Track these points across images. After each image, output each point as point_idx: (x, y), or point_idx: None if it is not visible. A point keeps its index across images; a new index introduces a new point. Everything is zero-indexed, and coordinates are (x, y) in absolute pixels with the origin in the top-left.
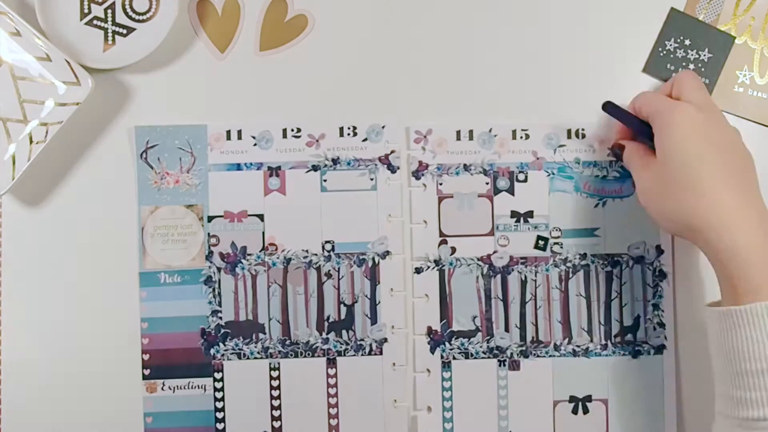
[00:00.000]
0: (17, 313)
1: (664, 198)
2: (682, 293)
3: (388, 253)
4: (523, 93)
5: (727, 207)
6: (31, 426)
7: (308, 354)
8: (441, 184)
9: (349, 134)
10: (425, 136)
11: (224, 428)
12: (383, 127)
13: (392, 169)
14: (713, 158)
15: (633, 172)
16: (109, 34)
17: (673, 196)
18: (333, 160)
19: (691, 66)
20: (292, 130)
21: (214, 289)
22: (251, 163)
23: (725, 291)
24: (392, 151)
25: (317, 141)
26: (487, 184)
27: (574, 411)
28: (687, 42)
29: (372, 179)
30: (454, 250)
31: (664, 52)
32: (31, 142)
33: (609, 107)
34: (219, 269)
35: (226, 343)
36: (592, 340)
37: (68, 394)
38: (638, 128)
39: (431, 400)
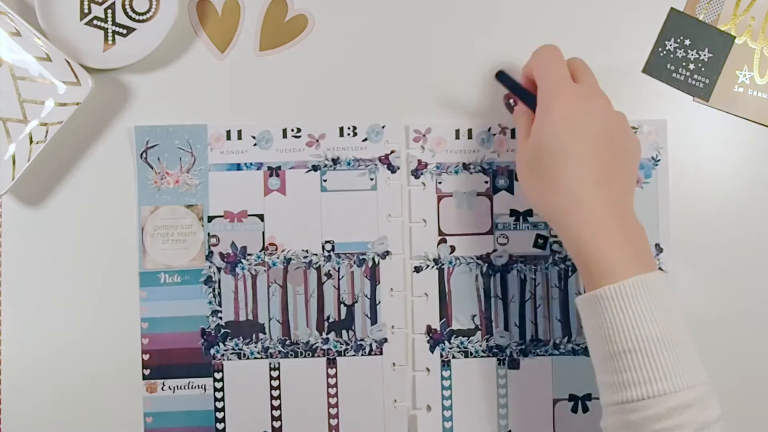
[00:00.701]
0: (17, 313)
1: (531, 176)
2: (682, 292)
3: (388, 253)
4: None
5: (583, 196)
6: (32, 425)
7: (308, 354)
8: (440, 183)
9: (349, 134)
10: (424, 135)
11: (224, 428)
12: (383, 127)
13: (392, 169)
14: (582, 149)
15: (518, 138)
16: (109, 34)
17: (537, 177)
18: (333, 160)
19: (692, 66)
20: (292, 130)
21: (214, 289)
22: (251, 163)
23: (584, 279)
24: (392, 151)
25: (317, 141)
26: (486, 182)
27: (574, 409)
28: (687, 42)
29: (372, 179)
30: (453, 248)
31: (664, 52)
32: (31, 142)
33: (501, 76)
34: (219, 269)
35: (226, 343)
36: None
37: (68, 393)
38: (528, 101)
39: (431, 399)
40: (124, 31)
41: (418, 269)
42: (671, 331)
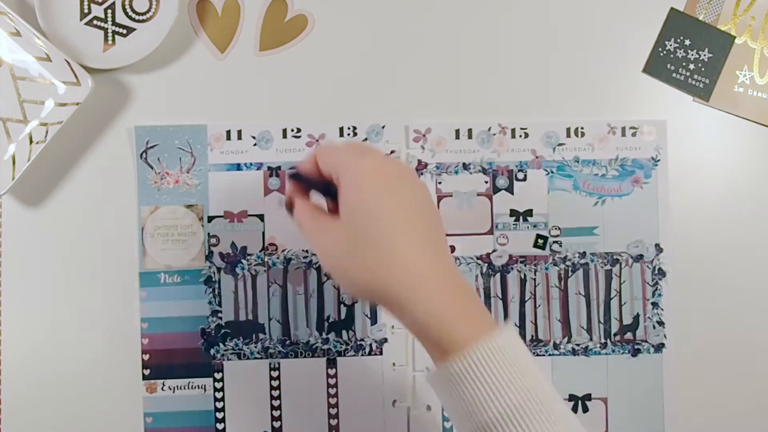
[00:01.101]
0: (17, 313)
1: (351, 262)
2: (682, 291)
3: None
4: (522, 92)
5: (419, 267)
6: (32, 425)
7: (308, 354)
8: (440, 183)
9: (349, 134)
10: (424, 135)
11: (224, 428)
12: (383, 127)
13: None
14: (403, 216)
15: (309, 237)
16: (109, 34)
17: (361, 259)
18: None
19: (692, 66)
20: (292, 130)
21: (214, 290)
22: (251, 163)
23: (433, 353)
24: (392, 152)
25: (317, 141)
26: (486, 182)
27: (574, 409)
28: (687, 42)
29: None
30: (453, 248)
31: (664, 52)
32: (31, 142)
33: (293, 177)
34: (219, 269)
35: (226, 343)
36: (591, 339)
37: (68, 393)
38: (323, 189)
39: (431, 398)
40: (124, 31)
41: None
42: (532, 385)
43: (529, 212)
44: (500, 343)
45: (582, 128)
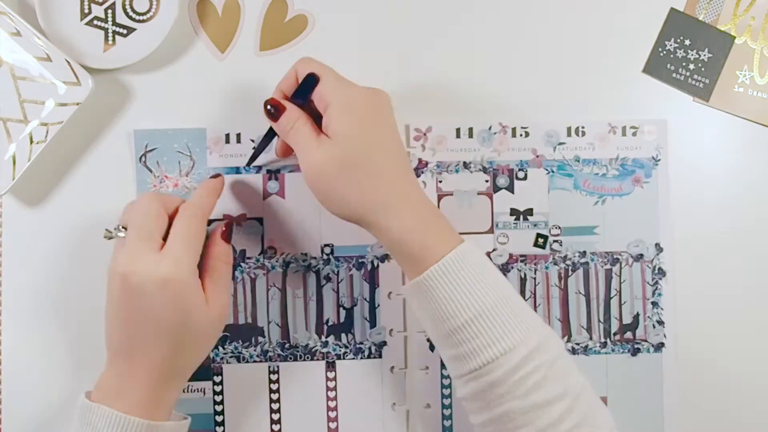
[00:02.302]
0: (17, 313)
1: (341, 181)
2: (682, 291)
3: (387, 256)
4: (523, 91)
5: (401, 189)
6: (32, 426)
7: (307, 357)
8: (440, 181)
9: None
10: (425, 134)
11: (224, 431)
12: None
13: None
14: (389, 142)
15: (300, 146)
16: (109, 34)
17: (352, 179)
18: None
19: (692, 66)
20: None
21: None
22: (250, 167)
23: (410, 267)
24: None
25: None
26: (486, 181)
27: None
28: (687, 42)
29: None
30: None
31: (664, 52)
32: (31, 142)
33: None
34: None
35: (226, 346)
36: (591, 338)
37: (68, 395)
38: (305, 90)
39: (430, 397)
40: (125, 31)
41: None
42: (498, 289)
43: (529, 211)
44: (467, 250)
45: (582, 128)
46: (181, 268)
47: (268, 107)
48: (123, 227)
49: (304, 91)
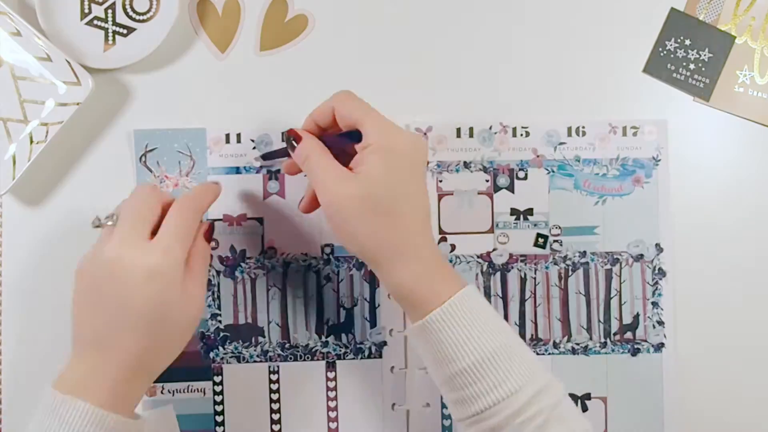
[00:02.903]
0: (17, 313)
1: (359, 219)
2: (682, 291)
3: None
4: (523, 91)
5: (417, 238)
6: None
7: (307, 357)
8: (441, 181)
9: None
10: (425, 134)
11: (224, 431)
12: None
13: None
14: (414, 192)
15: (319, 178)
16: (110, 34)
17: (369, 220)
18: None
19: (692, 66)
20: None
21: (213, 293)
22: (250, 167)
23: (415, 313)
24: None
25: None
26: (487, 181)
27: None
28: (687, 42)
29: None
30: (453, 247)
31: (664, 52)
32: (31, 142)
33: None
34: (218, 273)
35: (226, 346)
36: (591, 338)
37: None
38: (343, 140)
39: (430, 397)
40: (125, 31)
41: None
42: (502, 333)
43: (529, 211)
44: (471, 294)
45: (583, 128)
46: (169, 260)
47: (287, 137)
48: (114, 215)
49: (345, 139)
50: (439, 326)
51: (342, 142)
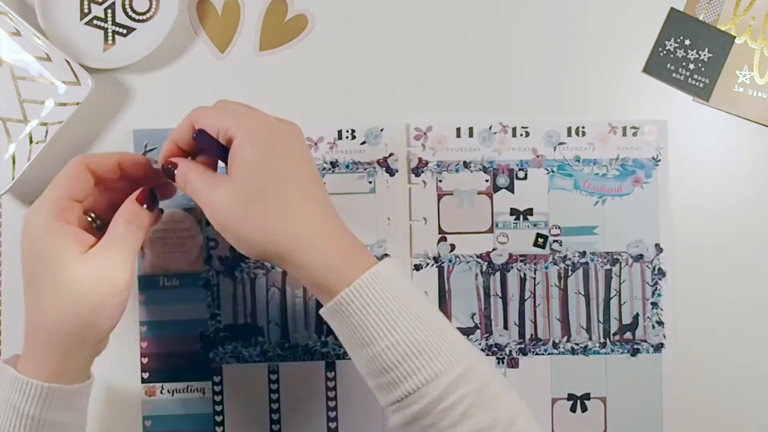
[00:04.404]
0: (17, 314)
1: (248, 220)
2: (682, 291)
3: (386, 256)
4: (523, 91)
5: (314, 224)
6: None
7: (307, 357)
8: (441, 181)
9: (347, 137)
10: (425, 133)
11: (223, 431)
12: (382, 130)
13: (391, 171)
14: (296, 173)
15: (199, 194)
16: (109, 34)
17: (256, 216)
18: (331, 162)
19: (692, 66)
20: None
21: (212, 293)
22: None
23: (326, 297)
24: (391, 154)
25: (315, 144)
26: (486, 181)
27: (573, 409)
28: (687, 42)
29: (370, 182)
30: (453, 247)
31: (664, 52)
32: (31, 142)
33: (199, 135)
34: (218, 273)
35: (225, 346)
36: (590, 338)
37: None
38: (221, 153)
39: None
40: (124, 31)
41: (417, 267)
42: (420, 311)
43: (529, 211)
44: (384, 270)
45: (583, 128)
46: (33, 212)
47: (165, 169)
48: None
49: (208, 146)
50: (350, 308)
51: (224, 154)
